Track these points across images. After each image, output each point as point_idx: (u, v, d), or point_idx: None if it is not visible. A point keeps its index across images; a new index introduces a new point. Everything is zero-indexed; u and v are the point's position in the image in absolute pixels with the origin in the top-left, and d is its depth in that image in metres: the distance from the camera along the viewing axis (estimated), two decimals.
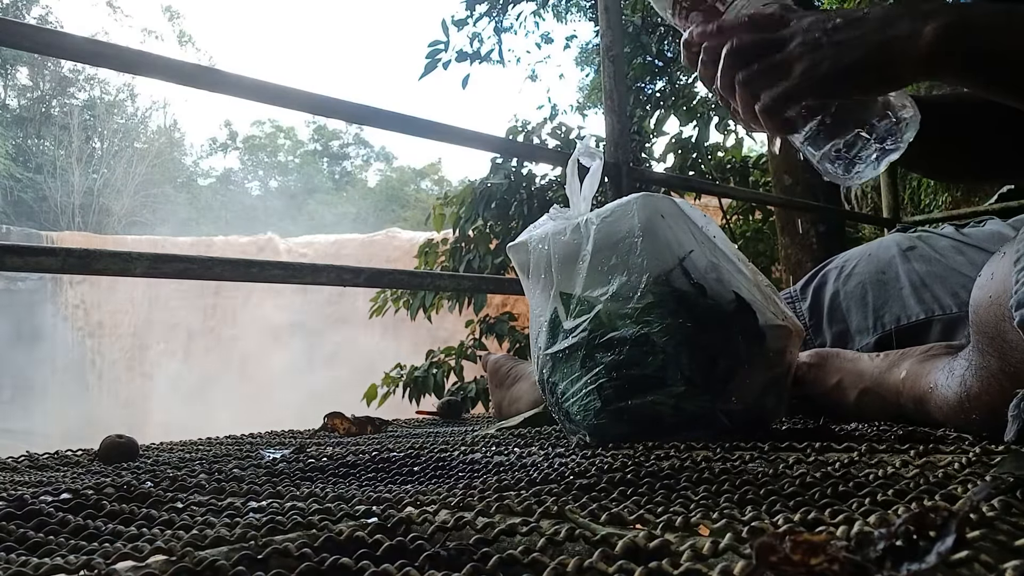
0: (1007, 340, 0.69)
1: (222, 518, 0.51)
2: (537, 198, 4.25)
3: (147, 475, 0.75)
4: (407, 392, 4.00)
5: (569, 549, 0.40)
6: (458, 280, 1.96)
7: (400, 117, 1.46)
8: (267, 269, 1.27)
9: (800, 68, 0.68)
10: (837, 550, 0.30)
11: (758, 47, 0.70)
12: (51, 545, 0.45)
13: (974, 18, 0.66)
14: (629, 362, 0.82)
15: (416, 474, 0.72)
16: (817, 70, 0.67)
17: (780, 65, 0.69)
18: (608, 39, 1.80)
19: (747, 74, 0.70)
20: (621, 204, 0.87)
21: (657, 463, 0.66)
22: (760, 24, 0.71)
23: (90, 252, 1.08)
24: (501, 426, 1.17)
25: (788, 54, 0.69)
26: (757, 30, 0.71)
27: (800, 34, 0.69)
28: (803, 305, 1.25)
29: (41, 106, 24.74)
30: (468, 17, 5.82)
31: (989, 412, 0.72)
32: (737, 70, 0.71)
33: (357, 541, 0.42)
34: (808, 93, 0.69)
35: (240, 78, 1.26)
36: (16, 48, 1.07)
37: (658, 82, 5.79)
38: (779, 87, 0.69)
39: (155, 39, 27.57)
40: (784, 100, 0.69)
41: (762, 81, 0.70)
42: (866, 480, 0.53)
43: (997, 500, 0.40)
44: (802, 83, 0.68)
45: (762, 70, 0.70)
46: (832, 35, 0.68)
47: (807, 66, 0.68)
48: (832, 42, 0.67)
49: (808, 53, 0.68)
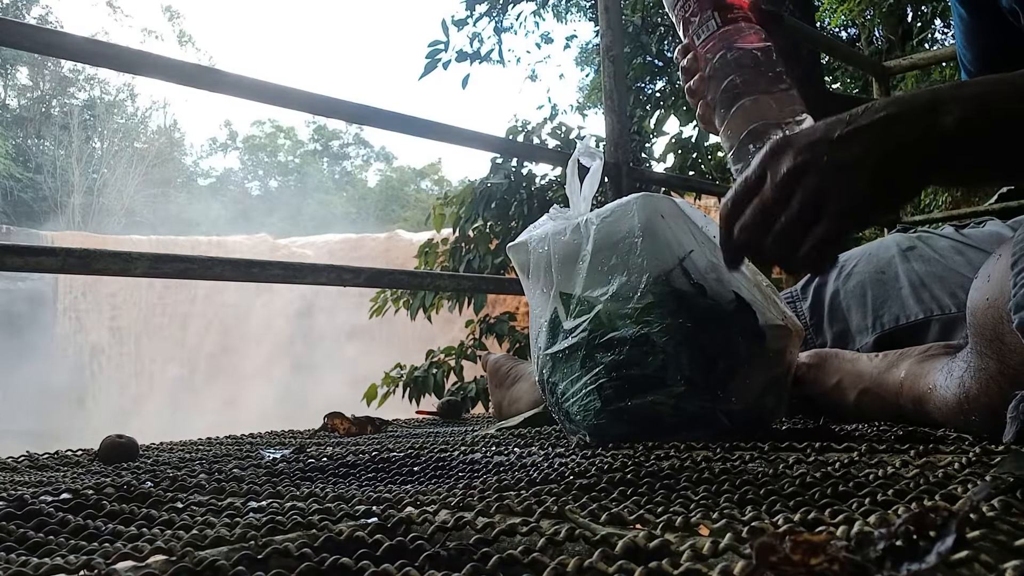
0: (1005, 343, 0.69)
1: (222, 518, 0.51)
2: (537, 198, 4.25)
3: (147, 475, 0.75)
4: (407, 392, 4.00)
5: (569, 549, 0.40)
6: (458, 280, 1.96)
7: (400, 117, 1.46)
8: (267, 269, 1.27)
9: (833, 208, 0.62)
10: (837, 550, 0.30)
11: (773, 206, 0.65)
12: (51, 545, 0.45)
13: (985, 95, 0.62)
14: (629, 362, 0.82)
15: (416, 474, 0.72)
16: (843, 204, 0.62)
17: (802, 217, 0.63)
18: (608, 39, 1.80)
19: (774, 238, 0.65)
20: (621, 204, 0.87)
21: (657, 463, 0.66)
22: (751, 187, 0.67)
23: (90, 252, 1.08)
24: (501, 426, 1.17)
25: (803, 204, 0.63)
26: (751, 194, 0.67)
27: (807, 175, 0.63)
28: (804, 305, 1.25)
29: (41, 106, 24.74)
30: (468, 17, 5.83)
31: (988, 413, 0.72)
32: (763, 236, 0.66)
33: (357, 541, 0.42)
34: (843, 227, 0.64)
35: (240, 78, 1.26)
36: (16, 48, 1.07)
37: (658, 82, 5.80)
38: (812, 238, 0.63)
39: (155, 39, 27.60)
40: (823, 246, 0.64)
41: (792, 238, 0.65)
42: (866, 480, 0.53)
43: (997, 500, 0.40)
44: (832, 223, 0.63)
45: (786, 230, 0.64)
46: (837, 156, 0.62)
47: (833, 209, 0.62)
48: (840, 166, 0.62)
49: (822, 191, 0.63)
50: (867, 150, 0.62)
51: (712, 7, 0.83)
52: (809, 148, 0.64)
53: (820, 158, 0.63)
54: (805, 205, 0.63)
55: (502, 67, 6.87)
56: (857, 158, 0.62)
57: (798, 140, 0.65)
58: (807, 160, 0.63)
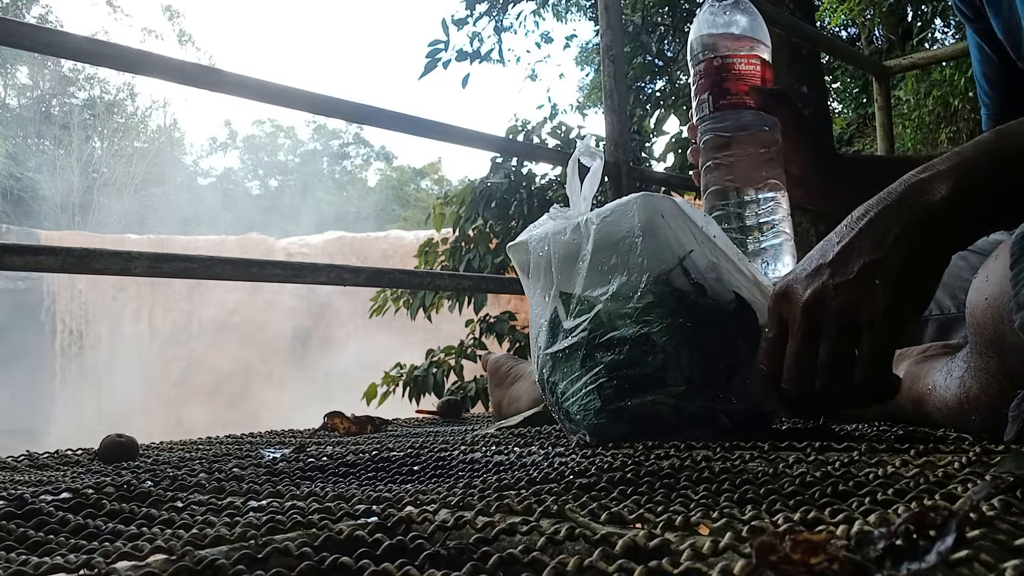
0: (1007, 342, 0.69)
1: (222, 517, 0.51)
2: (537, 197, 4.25)
3: (147, 474, 0.75)
4: (407, 391, 4.00)
5: (569, 548, 0.40)
6: (458, 280, 1.96)
7: (400, 117, 1.46)
8: (267, 268, 1.27)
9: (864, 321, 0.62)
10: (837, 549, 0.30)
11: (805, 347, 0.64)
12: (51, 544, 0.45)
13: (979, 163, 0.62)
14: (629, 362, 0.82)
15: (416, 473, 0.72)
16: (873, 310, 0.61)
17: (842, 342, 0.62)
18: (608, 39, 1.80)
19: (824, 376, 0.64)
20: (621, 204, 0.87)
21: (657, 462, 0.66)
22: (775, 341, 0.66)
23: (90, 251, 1.08)
24: (501, 425, 1.17)
25: (837, 329, 0.62)
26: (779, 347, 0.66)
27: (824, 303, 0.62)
28: None
29: (41, 105, 24.74)
30: (468, 16, 5.83)
31: (989, 413, 0.72)
32: (811, 380, 0.65)
33: (357, 540, 0.42)
34: (888, 334, 0.62)
35: (241, 78, 1.26)
36: (16, 47, 1.07)
37: (658, 82, 5.80)
38: (862, 357, 0.62)
39: (155, 38, 27.59)
40: (877, 359, 0.63)
41: (841, 367, 0.63)
42: (866, 479, 0.53)
43: (997, 500, 0.40)
44: (873, 333, 0.62)
45: (832, 362, 0.63)
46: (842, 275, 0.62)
47: (868, 320, 0.61)
48: (849, 282, 0.62)
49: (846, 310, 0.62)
50: (867, 259, 0.62)
51: (709, 91, 0.92)
52: (811, 279, 0.64)
53: (827, 285, 0.62)
54: (840, 329, 0.62)
55: (502, 67, 6.87)
56: (862, 268, 0.61)
57: (798, 276, 0.65)
58: (815, 290, 0.63)
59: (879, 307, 0.61)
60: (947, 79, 5.84)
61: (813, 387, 0.65)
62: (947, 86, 5.88)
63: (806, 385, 0.65)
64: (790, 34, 2.86)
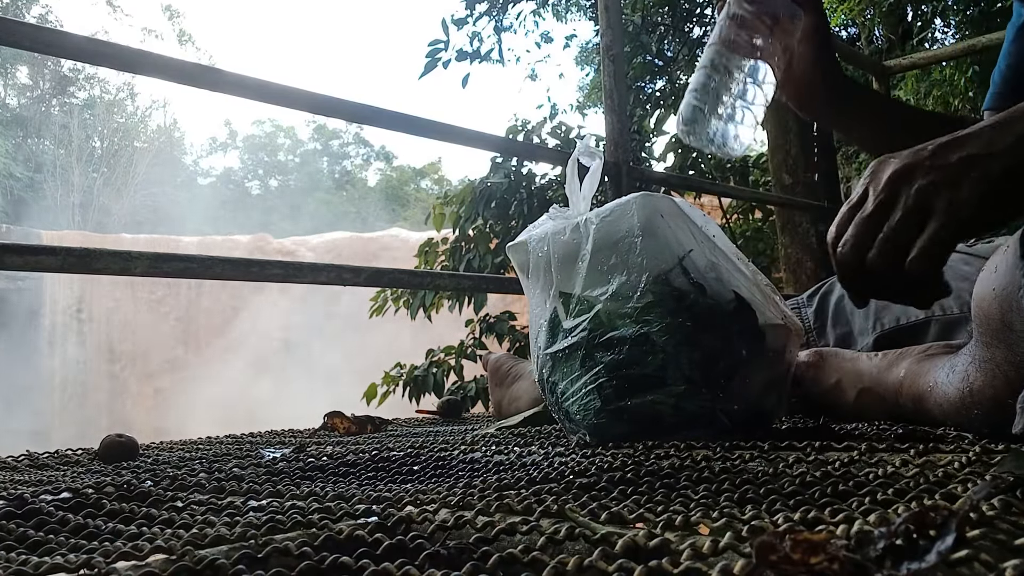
0: (1014, 330, 0.69)
1: (222, 517, 0.51)
2: (537, 197, 4.25)
3: (147, 474, 0.75)
4: (407, 391, 4.00)
5: (569, 548, 0.40)
6: (458, 280, 1.96)
7: (400, 116, 1.46)
8: (267, 268, 1.27)
9: (941, 205, 0.60)
10: (837, 549, 0.30)
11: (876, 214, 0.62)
12: (51, 544, 0.45)
13: None
14: (629, 361, 0.82)
15: (416, 473, 0.72)
16: (953, 201, 0.60)
17: (908, 219, 0.61)
18: (608, 38, 1.80)
19: (879, 247, 0.62)
20: (620, 204, 0.87)
21: (657, 462, 0.66)
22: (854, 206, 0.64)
23: (90, 251, 1.08)
24: (501, 425, 1.17)
25: (908, 206, 0.61)
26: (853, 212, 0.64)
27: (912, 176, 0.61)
28: (808, 310, 1.26)
29: (41, 105, 24.73)
30: (468, 16, 5.83)
31: (992, 406, 0.73)
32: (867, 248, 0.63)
33: (357, 540, 0.42)
34: (954, 230, 0.60)
35: (241, 78, 1.26)
36: (16, 47, 1.07)
37: (658, 82, 5.80)
38: (921, 242, 0.60)
39: (155, 38, 27.57)
40: (933, 249, 0.60)
41: (897, 244, 0.62)
42: (866, 479, 0.53)
43: (997, 499, 0.40)
44: (942, 222, 0.60)
45: (892, 234, 0.62)
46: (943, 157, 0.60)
47: (942, 207, 0.60)
48: (946, 165, 0.60)
49: (929, 189, 0.60)
50: (969, 151, 0.60)
51: None
52: (911, 155, 0.62)
53: (922, 162, 0.61)
54: (911, 206, 0.61)
55: (502, 66, 6.87)
56: (962, 159, 0.60)
57: (899, 153, 0.63)
58: (908, 164, 0.62)
59: (961, 196, 0.59)
60: (947, 79, 5.83)
61: (863, 260, 0.63)
62: (947, 86, 5.88)
63: (857, 250, 0.64)
64: None
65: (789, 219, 3.80)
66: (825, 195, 3.70)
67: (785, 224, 3.84)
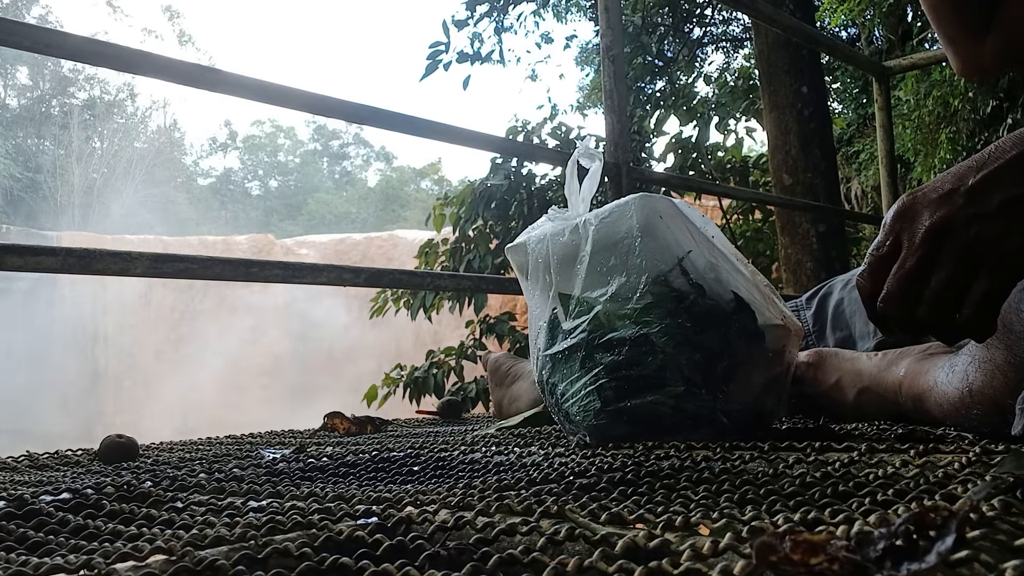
0: (1013, 331, 0.69)
1: (222, 518, 0.51)
2: (537, 198, 4.25)
3: (147, 475, 0.75)
4: (407, 392, 4.00)
5: (569, 549, 0.40)
6: (458, 280, 1.96)
7: (400, 117, 1.46)
8: (267, 269, 1.27)
9: (991, 259, 0.57)
10: (837, 550, 0.30)
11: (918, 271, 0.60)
12: (51, 545, 0.45)
13: None
14: (629, 362, 0.82)
15: (416, 474, 0.72)
16: (1001, 255, 0.57)
17: (957, 278, 0.58)
18: (608, 39, 1.80)
19: (929, 306, 0.59)
20: (619, 205, 0.87)
21: (657, 463, 0.66)
22: (886, 256, 0.61)
23: (90, 252, 1.08)
24: (501, 426, 1.17)
25: (956, 264, 0.58)
26: (887, 263, 0.61)
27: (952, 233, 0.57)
28: (807, 313, 1.26)
29: (41, 106, 24.73)
30: (469, 18, 5.83)
31: (991, 406, 0.73)
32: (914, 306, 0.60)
33: (357, 541, 0.42)
34: (1006, 281, 0.58)
35: (241, 78, 1.26)
36: (16, 48, 1.07)
37: (658, 82, 5.80)
38: (973, 298, 0.58)
39: (155, 39, 27.58)
40: (987, 304, 0.58)
41: (948, 303, 0.59)
42: (866, 480, 0.53)
43: (997, 500, 0.40)
44: (993, 277, 0.58)
45: (943, 295, 0.59)
46: (979, 207, 0.57)
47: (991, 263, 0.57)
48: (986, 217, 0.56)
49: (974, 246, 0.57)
50: (1010, 193, 0.57)
51: None
52: (944, 202, 0.59)
53: (960, 212, 0.58)
54: (961, 263, 0.58)
55: (502, 67, 6.87)
56: (1003, 204, 0.57)
57: (927, 196, 0.60)
58: (945, 216, 0.58)
59: (1011, 247, 0.57)
60: (947, 79, 5.83)
61: (913, 314, 0.61)
62: (947, 86, 5.88)
63: (903, 307, 0.61)
64: (790, 34, 2.86)
65: (789, 220, 3.80)
66: (825, 195, 3.70)
67: (785, 225, 3.84)
